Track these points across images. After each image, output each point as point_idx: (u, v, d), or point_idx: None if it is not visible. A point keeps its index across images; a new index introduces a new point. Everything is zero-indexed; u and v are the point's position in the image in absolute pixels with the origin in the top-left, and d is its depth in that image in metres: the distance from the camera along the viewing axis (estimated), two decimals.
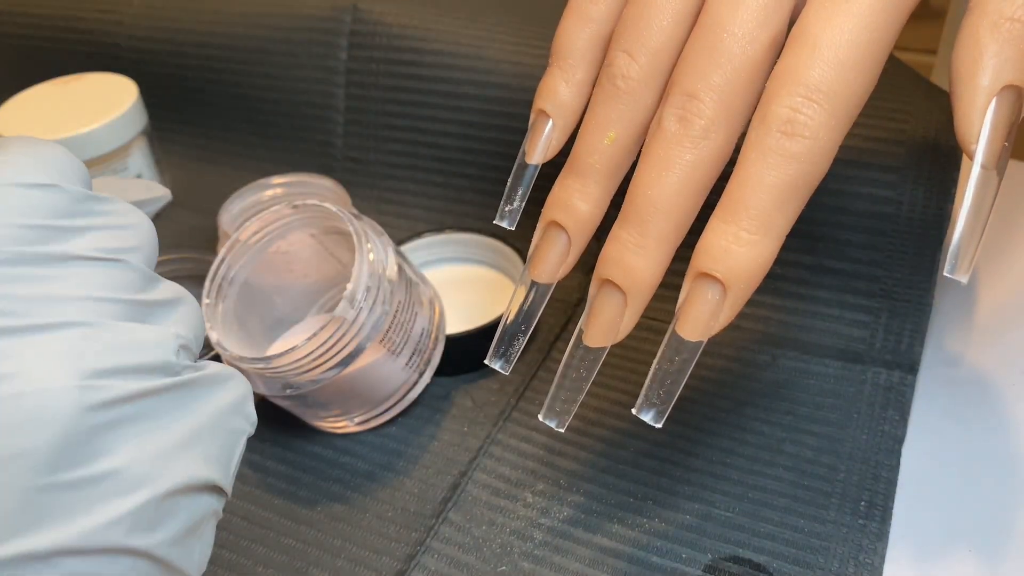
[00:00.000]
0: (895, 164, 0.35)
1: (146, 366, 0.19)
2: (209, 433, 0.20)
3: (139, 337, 0.19)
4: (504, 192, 0.29)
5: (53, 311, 0.18)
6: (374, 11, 0.45)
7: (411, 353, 0.34)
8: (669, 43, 0.25)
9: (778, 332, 0.37)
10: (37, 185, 0.19)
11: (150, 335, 0.20)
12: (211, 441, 0.20)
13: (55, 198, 0.20)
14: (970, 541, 0.30)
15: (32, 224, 0.19)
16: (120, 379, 0.18)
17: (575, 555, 0.30)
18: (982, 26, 0.22)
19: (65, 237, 0.19)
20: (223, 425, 0.21)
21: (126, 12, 0.51)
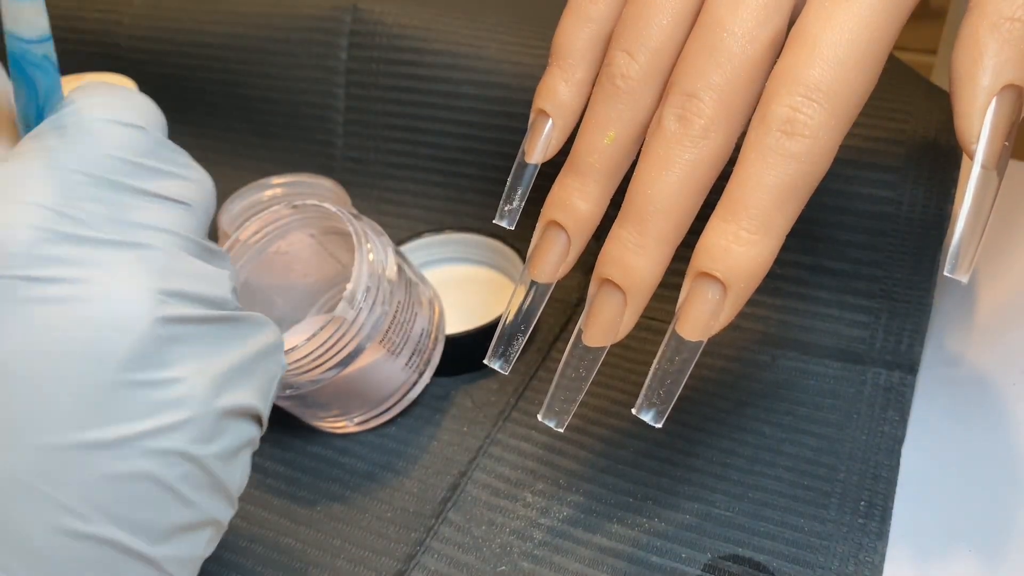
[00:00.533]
0: (895, 164, 0.35)
1: (208, 297, 0.21)
2: (254, 367, 0.23)
3: (203, 271, 0.22)
4: (504, 192, 0.29)
5: (134, 233, 0.20)
6: (374, 11, 0.45)
7: (411, 353, 0.34)
8: (669, 42, 0.25)
9: (778, 332, 0.37)
10: (128, 124, 0.22)
11: (212, 271, 0.22)
12: (256, 375, 0.23)
13: (141, 139, 0.22)
14: (970, 541, 0.30)
15: (120, 157, 0.21)
16: (188, 302, 0.21)
17: (575, 555, 0.30)
18: (982, 26, 0.22)
19: (146, 175, 0.21)
20: (264, 363, 0.23)
21: (126, 12, 0.51)
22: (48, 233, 0.19)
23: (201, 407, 0.21)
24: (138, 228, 0.21)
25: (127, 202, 0.21)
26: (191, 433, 0.20)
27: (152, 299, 0.20)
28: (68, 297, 0.19)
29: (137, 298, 0.20)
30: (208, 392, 0.21)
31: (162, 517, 0.20)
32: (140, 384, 0.20)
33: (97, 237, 0.20)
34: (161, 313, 0.20)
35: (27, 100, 0.22)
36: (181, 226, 0.22)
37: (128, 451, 0.19)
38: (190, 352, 0.21)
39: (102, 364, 0.19)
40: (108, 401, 0.19)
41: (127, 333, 0.19)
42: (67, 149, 0.20)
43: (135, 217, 0.21)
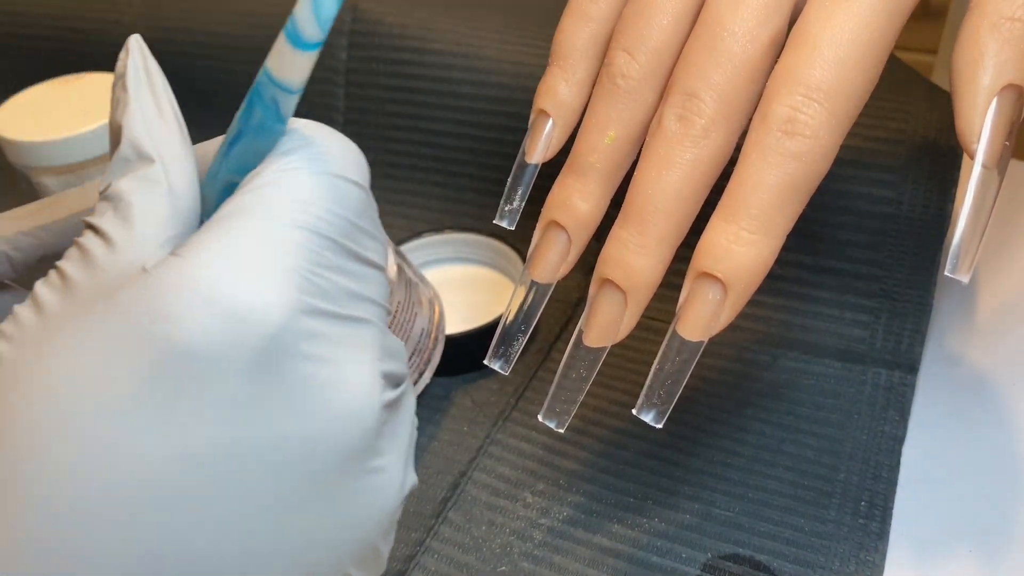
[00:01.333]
0: (895, 164, 0.35)
1: (399, 375, 0.20)
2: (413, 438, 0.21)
3: (396, 346, 0.20)
4: (504, 192, 0.29)
5: (360, 307, 0.19)
6: (374, 11, 0.45)
7: (411, 353, 0.34)
8: (669, 42, 0.25)
9: (778, 332, 0.37)
10: (350, 181, 0.19)
11: (398, 345, 0.21)
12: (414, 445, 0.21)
13: (359, 197, 0.20)
14: (970, 541, 0.30)
15: (348, 219, 0.19)
16: (394, 383, 0.20)
17: (575, 555, 0.30)
18: (983, 26, 0.22)
19: (363, 240, 0.19)
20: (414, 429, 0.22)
21: (126, 12, 0.51)
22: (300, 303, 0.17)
23: (396, 495, 0.20)
24: (362, 301, 0.19)
25: (353, 270, 0.19)
26: (383, 523, 0.20)
27: (379, 383, 0.19)
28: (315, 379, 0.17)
29: (370, 383, 0.18)
30: (401, 476, 0.20)
31: None
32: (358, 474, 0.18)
33: (337, 312, 0.18)
34: (383, 398, 0.19)
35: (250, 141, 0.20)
36: (383, 295, 0.20)
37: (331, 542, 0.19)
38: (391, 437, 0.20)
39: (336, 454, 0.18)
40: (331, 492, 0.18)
41: (361, 422, 0.18)
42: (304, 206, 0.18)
43: (358, 288, 0.19)
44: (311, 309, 0.17)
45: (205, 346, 0.16)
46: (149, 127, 0.19)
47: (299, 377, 0.17)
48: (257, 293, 0.17)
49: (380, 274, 0.20)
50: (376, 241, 0.20)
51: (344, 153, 0.20)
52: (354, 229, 0.19)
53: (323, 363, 0.18)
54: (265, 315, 0.17)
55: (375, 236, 0.20)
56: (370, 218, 0.20)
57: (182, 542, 0.17)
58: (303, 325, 0.17)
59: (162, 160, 0.19)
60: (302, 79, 0.19)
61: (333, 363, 0.18)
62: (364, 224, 0.19)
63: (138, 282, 0.17)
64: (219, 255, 0.17)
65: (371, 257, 0.19)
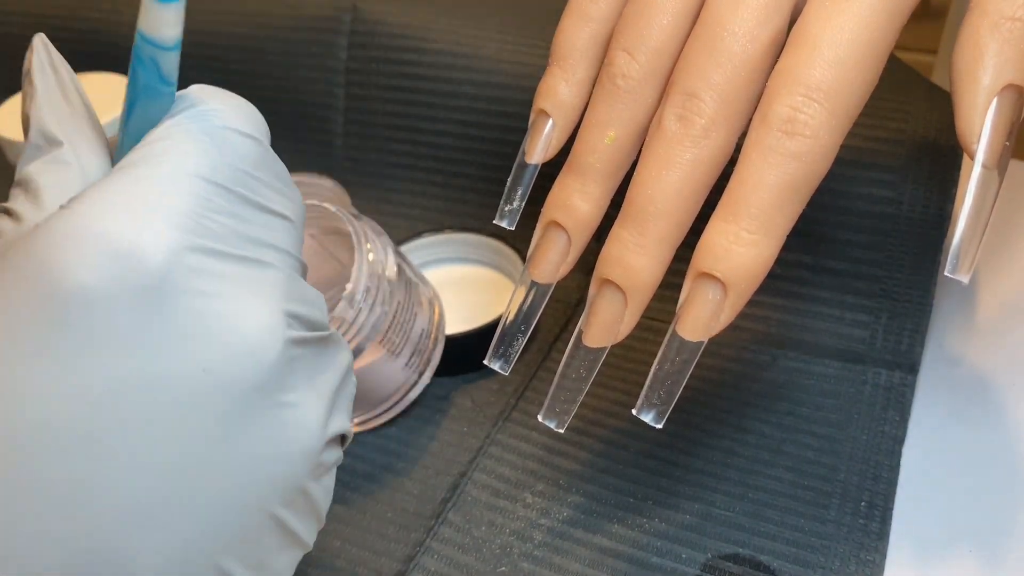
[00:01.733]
0: (895, 164, 0.35)
1: (315, 320, 0.21)
2: (345, 388, 0.22)
3: (310, 292, 0.21)
4: (504, 192, 0.29)
5: (259, 251, 0.19)
6: (374, 11, 0.45)
7: (411, 353, 0.34)
8: (669, 42, 0.25)
9: (778, 332, 0.37)
10: (246, 134, 0.20)
11: (315, 293, 0.21)
12: (346, 395, 0.22)
13: (257, 150, 0.20)
14: (971, 541, 0.30)
15: (241, 168, 0.20)
16: (302, 324, 0.20)
17: (575, 555, 0.30)
18: (983, 26, 0.22)
19: (261, 189, 0.20)
20: (348, 382, 0.22)
21: (127, 12, 0.51)
22: (186, 243, 0.18)
23: (314, 433, 0.20)
24: (261, 246, 0.20)
25: (249, 216, 0.20)
26: (304, 459, 0.20)
27: (282, 321, 0.19)
28: (208, 313, 0.18)
29: (272, 319, 0.19)
30: (321, 416, 0.20)
31: (264, 544, 0.20)
32: (266, 408, 0.19)
33: (231, 252, 0.19)
34: (288, 335, 0.19)
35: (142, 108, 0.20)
36: (291, 244, 0.21)
37: (246, 477, 0.19)
38: (305, 376, 0.20)
39: (237, 388, 0.18)
40: (236, 425, 0.18)
41: (262, 355, 0.18)
42: (190, 156, 0.19)
43: (257, 233, 0.20)
44: (199, 247, 0.18)
45: (90, 285, 0.17)
46: (56, 113, 0.20)
47: (190, 312, 0.18)
48: (140, 232, 0.17)
49: (286, 224, 0.21)
50: (282, 195, 0.21)
51: (236, 109, 0.21)
52: (249, 179, 0.20)
53: (215, 298, 0.18)
54: (149, 252, 0.17)
55: (280, 190, 0.21)
56: (271, 171, 0.21)
57: (85, 484, 0.17)
58: (190, 262, 0.18)
59: (70, 141, 0.20)
60: (173, 34, 0.19)
61: (226, 298, 0.18)
62: (263, 176, 0.20)
63: (28, 235, 0.18)
64: (103, 202, 0.18)
65: (274, 207, 0.20)
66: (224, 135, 0.20)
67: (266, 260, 0.20)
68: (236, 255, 0.19)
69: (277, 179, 0.21)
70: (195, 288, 0.18)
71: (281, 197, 0.21)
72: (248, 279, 0.19)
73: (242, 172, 0.20)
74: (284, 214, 0.21)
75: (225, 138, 0.20)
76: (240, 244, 0.19)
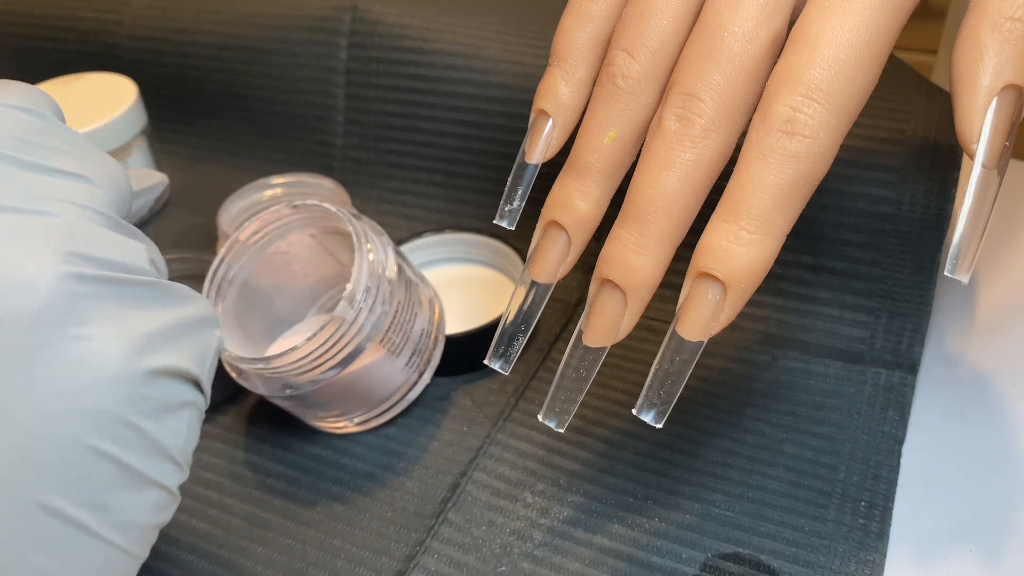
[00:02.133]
0: (895, 164, 0.35)
1: (120, 262, 0.21)
2: (182, 334, 0.22)
3: (114, 239, 0.22)
4: (504, 192, 0.29)
5: (35, 203, 0.20)
6: (374, 11, 0.45)
7: (411, 353, 0.34)
8: (669, 42, 0.25)
9: (778, 332, 0.37)
10: (20, 107, 0.22)
11: (124, 241, 0.22)
12: (185, 341, 0.22)
13: (34, 121, 0.22)
14: (971, 541, 0.30)
15: (14, 136, 0.21)
16: (98, 264, 0.21)
17: (575, 555, 0.30)
18: (983, 26, 0.22)
19: (44, 153, 0.22)
20: (195, 332, 0.23)
21: (126, 12, 0.51)
22: None
23: (121, 365, 0.20)
24: (39, 199, 0.20)
25: (25, 176, 0.21)
26: (114, 391, 0.20)
27: (56, 257, 0.20)
28: None
29: (40, 255, 0.19)
30: (127, 350, 0.20)
31: (94, 480, 0.20)
32: (53, 340, 0.19)
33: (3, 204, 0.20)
34: (67, 270, 0.20)
35: None
36: (86, 199, 0.22)
37: (50, 409, 0.19)
38: (105, 312, 0.20)
39: (12, 323, 0.19)
40: (23, 361, 0.19)
41: (33, 290, 0.19)
42: None
43: (35, 191, 0.21)
44: None
45: None
46: None
47: None
48: None
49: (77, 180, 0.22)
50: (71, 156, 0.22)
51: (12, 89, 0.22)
52: (26, 144, 0.21)
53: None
54: None
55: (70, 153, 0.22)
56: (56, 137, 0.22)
57: None
58: None
59: None
60: None
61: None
62: (45, 141, 0.22)
63: None
64: None
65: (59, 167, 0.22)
66: None
67: (46, 210, 0.20)
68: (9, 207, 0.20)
69: (66, 144, 0.22)
70: None
71: (68, 158, 0.22)
72: (21, 226, 0.20)
73: (16, 139, 0.21)
74: (75, 172, 0.22)
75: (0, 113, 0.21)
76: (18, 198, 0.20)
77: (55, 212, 0.20)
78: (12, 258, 0.19)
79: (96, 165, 0.23)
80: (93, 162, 0.22)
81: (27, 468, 0.19)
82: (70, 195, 0.21)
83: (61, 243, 0.20)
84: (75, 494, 0.20)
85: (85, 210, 0.21)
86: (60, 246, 0.20)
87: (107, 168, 0.23)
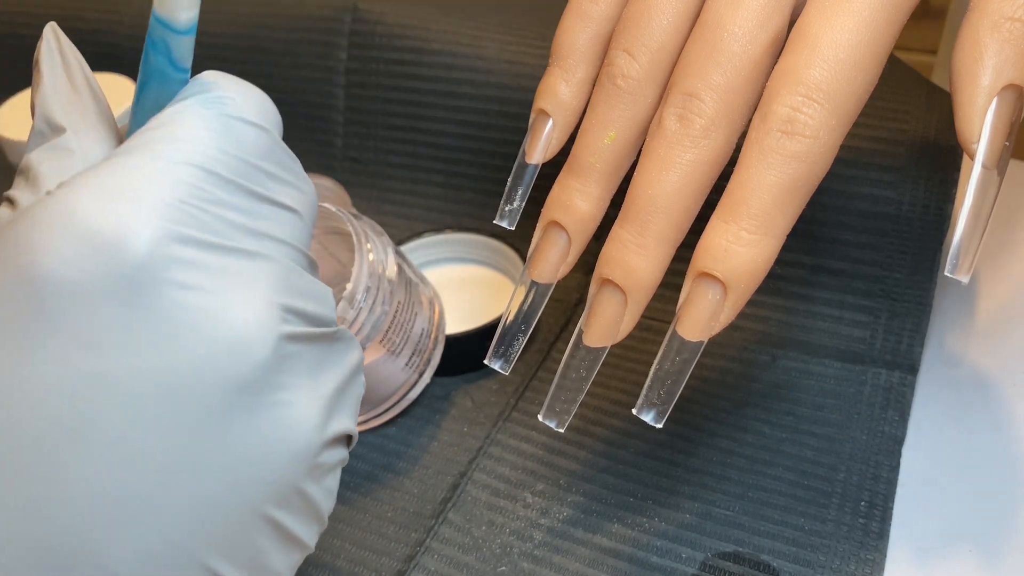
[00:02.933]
0: (895, 164, 0.35)
1: (318, 315, 0.20)
2: (351, 387, 0.21)
3: (314, 286, 0.20)
4: (504, 192, 0.29)
5: (256, 242, 0.19)
6: (374, 11, 0.45)
7: (411, 353, 0.34)
8: (669, 42, 0.25)
9: (778, 332, 0.37)
10: (251, 123, 0.20)
11: (321, 288, 0.21)
12: (351, 395, 0.21)
13: (263, 140, 0.20)
14: (970, 541, 0.30)
15: (242, 158, 0.19)
16: (302, 320, 0.19)
17: (575, 555, 0.30)
18: (983, 26, 0.22)
19: (266, 180, 0.20)
20: (354, 381, 0.22)
21: (126, 12, 0.51)
22: (173, 233, 0.17)
23: (311, 435, 0.19)
24: (259, 237, 0.19)
25: (248, 207, 0.19)
26: (300, 462, 0.19)
27: (276, 316, 0.18)
28: (193, 307, 0.17)
29: (263, 314, 0.18)
30: (318, 418, 0.19)
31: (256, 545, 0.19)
32: (255, 407, 0.18)
33: (222, 244, 0.18)
34: (282, 330, 0.18)
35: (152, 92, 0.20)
36: (295, 237, 0.20)
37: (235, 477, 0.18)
38: (303, 374, 0.19)
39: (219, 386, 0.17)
40: (219, 425, 0.18)
41: (251, 352, 0.18)
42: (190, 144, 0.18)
43: (256, 225, 0.19)
44: (187, 239, 0.17)
45: (69, 274, 0.16)
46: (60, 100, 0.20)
47: (175, 305, 0.17)
48: (122, 221, 0.17)
49: (291, 216, 0.20)
50: (288, 186, 0.20)
51: (245, 96, 0.20)
52: (251, 169, 0.19)
53: (202, 292, 0.17)
54: (131, 242, 0.17)
55: (287, 181, 0.20)
56: (278, 162, 0.20)
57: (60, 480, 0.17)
58: (176, 253, 0.17)
59: (73, 128, 0.19)
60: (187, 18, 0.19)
61: (214, 293, 0.17)
62: (267, 166, 0.20)
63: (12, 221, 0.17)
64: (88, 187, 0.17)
65: (277, 198, 0.20)
66: (229, 123, 0.19)
67: (263, 252, 0.19)
68: (228, 247, 0.18)
69: (284, 170, 0.20)
70: (180, 280, 0.17)
71: (287, 188, 0.20)
72: (240, 271, 0.18)
73: (243, 161, 0.19)
74: (289, 205, 0.20)
75: (230, 126, 0.19)
76: (234, 235, 0.18)
77: (272, 255, 0.19)
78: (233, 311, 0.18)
79: (303, 194, 0.21)
80: (301, 190, 0.21)
81: (199, 532, 0.18)
82: (285, 232, 0.20)
83: (277, 294, 0.19)
84: (238, 558, 0.19)
85: (295, 251, 0.20)
86: (276, 297, 0.19)
87: (310, 196, 0.21)
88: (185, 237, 0.17)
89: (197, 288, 0.17)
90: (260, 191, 0.19)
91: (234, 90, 0.20)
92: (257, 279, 0.18)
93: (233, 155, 0.19)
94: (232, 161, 0.19)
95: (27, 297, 0.16)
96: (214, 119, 0.19)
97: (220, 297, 0.18)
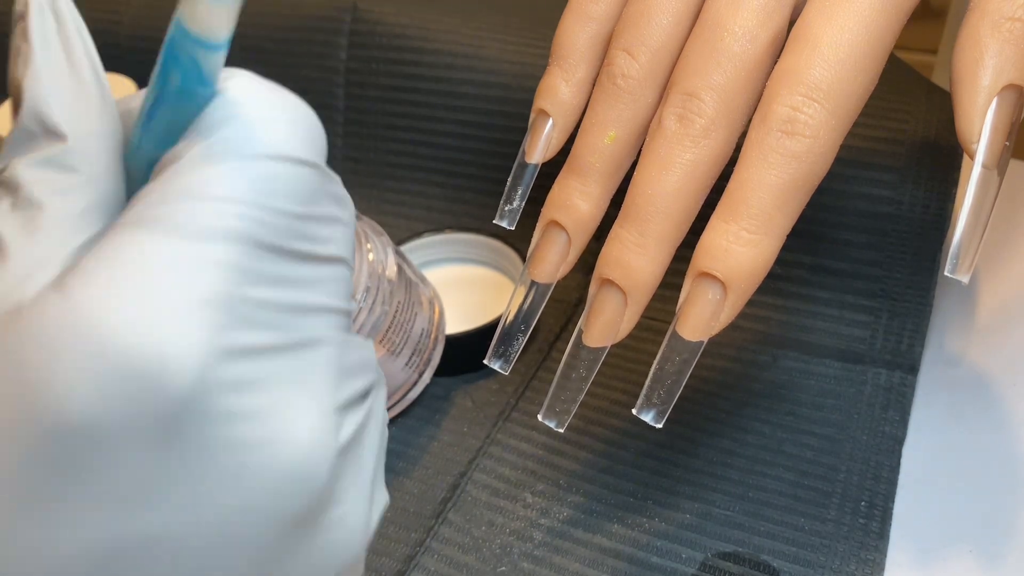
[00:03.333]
0: (895, 164, 0.35)
1: (366, 389, 0.17)
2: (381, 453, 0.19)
3: (365, 356, 0.18)
4: (504, 192, 0.29)
5: (306, 325, 0.16)
6: (374, 11, 0.45)
7: (411, 353, 0.34)
8: (670, 42, 0.25)
9: (778, 332, 0.37)
10: (298, 161, 0.16)
11: (368, 352, 0.18)
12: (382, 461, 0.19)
13: (311, 180, 0.16)
14: (970, 541, 0.30)
15: (289, 211, 0.15)
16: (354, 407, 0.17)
17: (575, 555, 0.30)
18: (983, 26, 0.22)
19: (315, 228, 0.16)
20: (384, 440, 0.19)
21: (126, 12, 0.51)
22: (218, 348, 0.14)
23: (361, 538, 0.17)
24: (309, 313, 0.16)
25: (296, 276, 0.15)
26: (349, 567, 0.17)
27: (333, 426, 0.16)
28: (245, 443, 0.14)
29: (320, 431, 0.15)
30: (367, 515, 0.17)
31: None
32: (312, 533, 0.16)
33: (272, 343, 0.15)
34: (341, 442, 0.16)
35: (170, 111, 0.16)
36: (342, 295, 0.17)
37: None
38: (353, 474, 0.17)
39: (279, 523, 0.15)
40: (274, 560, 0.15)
41: (310, 481, 0.15)
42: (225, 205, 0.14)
43: (304, 298, 0.16)
44: (233, 350, 0.14)
45: (95, 418, 0.13)
46: (58, 90, 0.15)
47: (224, 443, 0.14)
48: (160, 340, 0.13)
49: (339, 269, 0.16)
50: (334, 223, 0.17)
51: (288, 121, 0.16)
52: (298, 222, 0.16)
53: (255, 420, 0.14)
54: (172, 372, 0.13)
55: (333, 217, 0.16)
56: (326, 196, 0.16)
57: None
58: (225, 375, 0.14)
59: (75, 136, 0.15)
60: (226, 32, 0.15)
61: (268, 417, 0.15)
62: (315, 210, 0.16)
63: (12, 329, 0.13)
64: (110, 290, 0.13)
65: (326, 251, 0.16)
66: (271, 168, 0.15)
67: (315, 334, 0.16)
68: (278, 345, 0.15)
69: (331, 203, 0.17)
70: (231, 410, 0.14)
71: (333, 229, 0.17)
72: (293, 375, 0.15)
73: (289, 216, 0.15)
74: (337, 256, 0.17)
75: (272, 173, 0.15)
76: (283, 322, 0.15)
77: (323, 334, 0.16)
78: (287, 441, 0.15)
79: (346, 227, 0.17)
80: (345, 224, 0.17)
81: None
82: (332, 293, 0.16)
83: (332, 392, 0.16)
84: None
85: (341, 316, 0.17)
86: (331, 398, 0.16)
87: (350, 225, 0.18)
88: (231, 349, 0.14)
89: (249, 415, 0.14)
90: (307, 249, 0.16)
91: (272, 111, 0.16)
92: (313, 378, 0.16)
93: (278, 210, 0.15)
94: (277, 220, 0.15)
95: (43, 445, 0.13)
96: (251, 165, 0.15)
97: (273, 422, 0.15)
